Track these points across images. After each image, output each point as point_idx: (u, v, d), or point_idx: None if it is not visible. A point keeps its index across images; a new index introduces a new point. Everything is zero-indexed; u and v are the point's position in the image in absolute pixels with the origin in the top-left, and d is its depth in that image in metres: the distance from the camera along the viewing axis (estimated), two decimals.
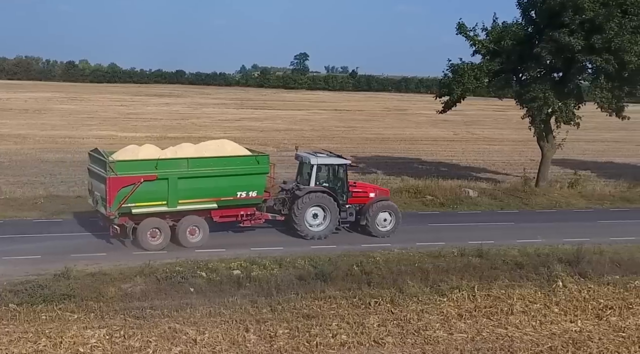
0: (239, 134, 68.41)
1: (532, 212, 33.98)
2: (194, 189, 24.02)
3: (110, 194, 22.89)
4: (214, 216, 24.98)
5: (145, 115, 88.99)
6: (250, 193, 25.02)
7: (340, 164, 27.05)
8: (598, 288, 21.66)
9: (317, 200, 26.02)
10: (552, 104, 34.29)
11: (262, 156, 25.65)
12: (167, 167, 23.60)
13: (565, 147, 68.33)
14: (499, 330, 18.04)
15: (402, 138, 72.58)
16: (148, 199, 23.49)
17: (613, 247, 26.27)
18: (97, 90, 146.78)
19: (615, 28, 31.85)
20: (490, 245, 25.62)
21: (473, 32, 36.90)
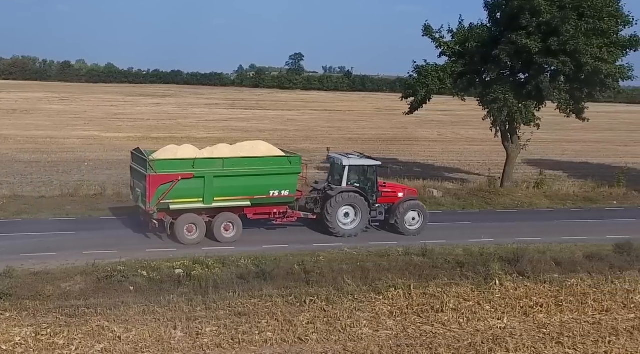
0: (223, 134, 68.92)
1: (492, 212, 34.45)
2: (229, 187, 25.44)
3: (149, 190, 24.44)
4: (247, 214, 26.42)
5: (133, 115, 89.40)
6: (282, 192, 26.29)
7: (371, 165, 28.23)
8: (534, 286, 22.23)
9: (348, 200, 27.26)
10: (511, 106, 34.71)
11: (294, 157, 26.95)
12: (203, 166, 25.03)
13: (545, 147, 69.35)
14: (425, 327, 18.56)
15: (385, 138, 72.92)
16: (185, 196, 25.03)
17: (560, 246, 26.89)
18: (91, 90, 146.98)
19: (571, 31, 32.34)
20: (438, 244, 26.21)
21: (439, 34, 37.27)
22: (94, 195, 32.62)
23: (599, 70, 32.76)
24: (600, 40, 33.52)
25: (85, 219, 28.69)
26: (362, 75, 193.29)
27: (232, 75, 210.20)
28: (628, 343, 17.92)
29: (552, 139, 78.13)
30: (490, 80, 35.29)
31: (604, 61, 32.89)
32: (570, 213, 35.02)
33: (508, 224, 31.32)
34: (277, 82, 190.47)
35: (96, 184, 34.98)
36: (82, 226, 27.37)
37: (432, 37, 37.42)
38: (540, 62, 33.18)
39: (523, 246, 25.53)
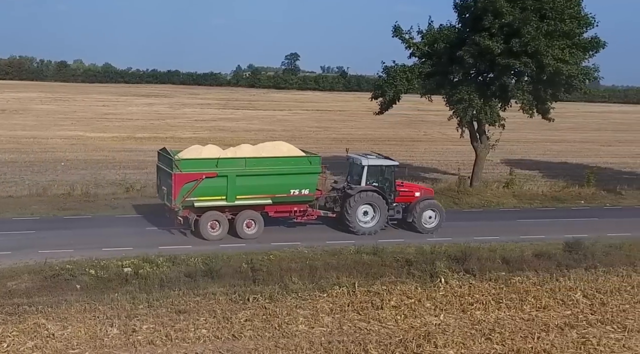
0: (208, 134, 69.52)
1: (459, 212, 34.79)
2: (251, 186, 26.54)
3: (175, 188, 25.63)
4: (269, 211, 27.56)
5: (122, 115, 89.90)
6: (302, 191, 27.32)
7: (388, 165, 29.15)
8: (479, 284, 22.64)
9: (367, 198, 28.20)
10: (476, 106, 35.13)
11: (314, 157, 27.89)
12: (226, 166, 26.17)
13: (528, 147, 69.78)
14: (362, 324, 18.96)
15: (370, 138, 73.20)
16: (209, 194, 26.18)
17: (514, 245, 27.41)
18: (86, 90, 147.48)
19: (532, 32, 32.72)
20: (394, 243, 26.78)
21: (408, 34, 37.65)
22: (61, 194, 33.03)
23: (560, 71, 33.13)
24: (562, 41, 33.85)
25: (49, 219, 29.15)
26: (357, 75, 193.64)
27: (229, 75, 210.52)
28: (557, 338, 18.33)
29: (537, 139, 78.75)
30: (456, 81, 35.65)
31: (564, 62, 33.24)
32: (534, 212, 35.46)
33: (470, 223, 31.76)
34: (272, 82, 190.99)
35: (66, 184, 35.37)
36: (44, 225, 27.83)
37: (402, 38, 37.78)
38: (503, 63, 33.56)
39: (475, 244, 26.04)
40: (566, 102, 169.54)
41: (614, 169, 52.93)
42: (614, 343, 18.19)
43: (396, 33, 37.87)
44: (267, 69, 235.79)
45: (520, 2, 33.60)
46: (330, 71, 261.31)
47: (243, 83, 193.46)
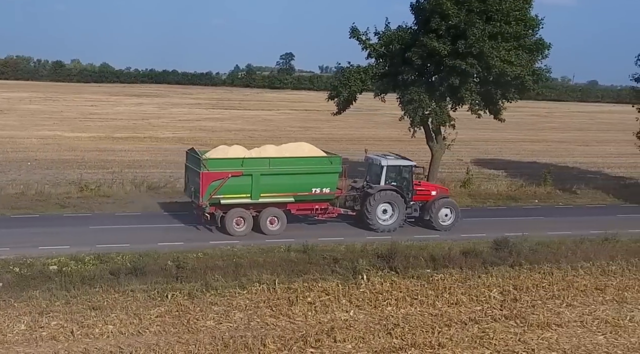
0: (187, 134, 70.21)
1: None
2: (274, 185, 28.02)
3: (202, 186, 27.18)
4: (291, 209, 28.89)
5: (108, 115, 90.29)
6: (323, 190, 28.79)
7: (406, 165, 30.53)
8: (401, 281, 23.22)
9: (387, 197, 29.52)
10: (426, 106, 35.63)
11: (335, 157, 29.54)
12: (251, 165, 27.77)
13: (504, 147, 70.11)
14: (270, 320, 19.55)
15: (348, 138, 73.45)
16: (234, 192, 27.68)
17: (445, 243, 27.97)
18: (79, 90, 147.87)
19: (477, 34, 33.18)
20: (335, 241, 27.46)
21: (365, 36, 38.05)
22: (14, 194, 33.60)
23: (505, 73, 33.61)
24: (508, 43, 34.34)
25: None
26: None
27: (224, 75, 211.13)
28: (457, 332, 18.93)
29: (516, 139, 79.15)
30: (408, 82, 36.10)
31: (510, 63, 33.72)
32: (485, 211, 35.98)
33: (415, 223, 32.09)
34: (267, 82, 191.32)
35: (24, 183, 35.92)
36: None
37: (359, 39, 38.14)
38: (450, 64, 34.00)
39: (409, 243, 26.91)
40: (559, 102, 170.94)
41: (580, 169, 53.37)
42: (510, 337, 18.78)
43: (353, 34, 38.20)
44: (265, 69, 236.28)
45: (467, 4, 33.97)
46: (329, 71, 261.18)
47: (238, 83, 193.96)
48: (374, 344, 18.00)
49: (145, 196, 34.93)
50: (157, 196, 35.09)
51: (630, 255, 26.87)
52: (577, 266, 25.35)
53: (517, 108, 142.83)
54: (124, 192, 35.21)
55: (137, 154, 52.88)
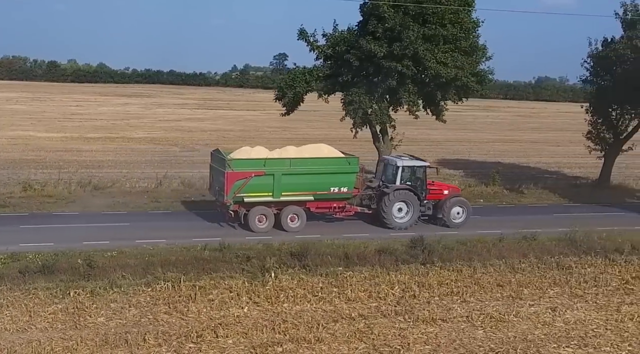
0: (160, 135, 71.06)
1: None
2: (295, 184, 29.47)
3: (227, 185, 28.70)
4: (310, 207, 30.52)
5: (89, 115, 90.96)
6: (341, 189, 30.24)
7: (420, 165, 31.83)
8: (310, 278, 23.71)
9: (402, 196, 30.90)
10: (365, 107, 36.18)
11: (352, 158, 30.89)
12: (273, 165, 29.30)
13: (476, 147, 70.47)
14: (163, 316, 20.06)
15: (322, 138, 73.06)
16: (257, 191, 29.19)
17: (360, 242, 28.42)
18: (71, 90, 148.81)
19: (412, 36, 33.74)
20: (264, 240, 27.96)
21: (313, 37, 38.59)
22: None
23: (439, 74, 34.15)
24: (445, 45, 34.89)
25: None
26: None
27: (218, 75, 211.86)
28: (342, 328, 19.40)
29: (492, 139, 79.57)
30: (348, 83, 36.67)
31: (444, 65, 34.25)
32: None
33: (347, 222, 32.55)
34: (260, 82, 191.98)
35: None
36: None
37: (307, 40, 38.69)
38: (386, 66, 34.55)
39: (328, 241, 27.63)
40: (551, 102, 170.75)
41: (541, 169, 53.89)
42: (393, 332, 19.28)
43: (301, 36, 38.74)
44: (262, 69, 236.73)
45: (403, 7, 34.52)
46: None
47: (232, 83, 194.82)
48: (255, 340, 18.49)
49: (89, 196, 35.50)
50: (102, 196, 35.61)
51: (544, 253, 27.31)
52: (487, 263, 25.78)
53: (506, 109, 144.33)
54: (67, 192, 35.71)
55: (101, 154, 53.48)
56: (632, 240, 29.59)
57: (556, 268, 26.16)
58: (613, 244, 28.83)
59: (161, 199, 35.75)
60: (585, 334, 19.62)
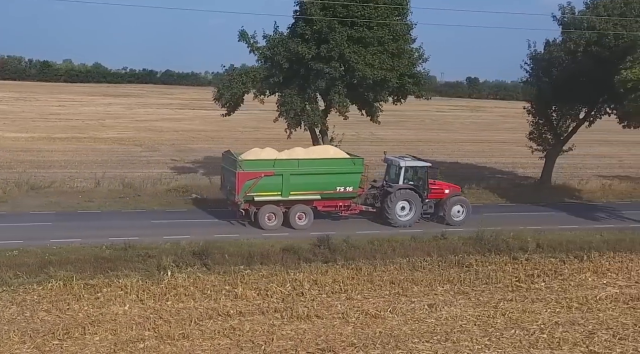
0: (130, 135, 71.57)
1: None
2: (302, 184, 31.00)
3: (238, 185, 30.18)
4: (317, 206, 31.95)
5: (67, 115, 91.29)
6: (347, 188, 31.73)
7: (422, 166, 33.38)
8: (207, 277, 24.17)
9: (405, 195, 32.33)
10: (297, 108, 36.67)
11: (357, 159, 32.42)
12: (282, 166, 30.84)
13: (442, 148, 70.65)
14: (41, 314, 20.40)
15: (302, 138, 73.88)
16: (266, 190, 30.69)
17: (264, 241, 28.97)
18: (60, 90, 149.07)
19: (337, 38, 34.22)
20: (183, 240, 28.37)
21: (253, 39, 38.95)
22: None
23: (365, 76, 34.63)
24: (374, 47, 35.37)
25: None
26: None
27: (210, 75, 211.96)
28: (214, 324, 19.80)
29: (464, 140, 79.89)
30: (282, 84, 37.13)
31: (371, 67, 34.72)
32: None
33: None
34: None
35: None
36: None
37: (247, 42, 39.05)
38: (315, 67, 35.00)
39: (235, 240, 28.30)
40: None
41: (495, 169, 54.26)
42: (264, 328, 19.67)
43: (241, 37, 39.08)
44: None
45: (332, 9, 34.98)
46: None
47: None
48: (122, 337, 18.92)
49: (23, 196, 36.00)
50: (37, 196, 36.16)
51: (449, 251, 27.85)
52: (388, 262, 26.26)
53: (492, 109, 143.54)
54: (2, 192, 36.18)
55: (59, 155, 53.96)
56: (543, 239, 30.15)
57: (456, 265, 26.64)
58: (520, 242, 29.27)
59: (95, 199, 36.22)
60: (451, 330, 20.02)
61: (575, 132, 43.88)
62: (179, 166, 50.68)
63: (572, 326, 20.69)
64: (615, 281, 25.44)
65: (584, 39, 38.28)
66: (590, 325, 20.84)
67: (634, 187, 46.07)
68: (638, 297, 23.60)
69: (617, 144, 75.08)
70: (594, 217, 36.58)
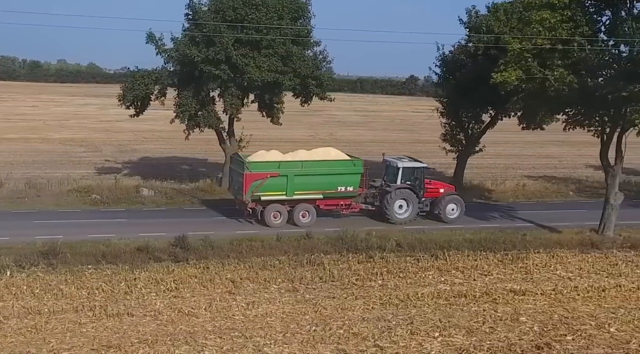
0: (82, 135, 71.93)
1: (179, 210, 37.31)
2: (306, 184, 32.92)
3: (246, 185, 32.21)
4: (320, 204, 33.80)
5: (33, 116, 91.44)
6: (347, 188, 33.65)
7: (418, 167, 35.25)
8: (48, 276, 24.77)
9: (402, 194, 34.30)
10: (191, 110, 37.33)
11: (357, 160, 34.49)
12: (286, 167, 32.76)
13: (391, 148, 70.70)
14: None
15: (258, 139, 73.38)
16: (272, 190, 32.66)
17: (126, 241, 29.41)
18: (43, 90, 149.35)
19: (224, 41, 34.88)
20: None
21: (161, 41, 39.54)
22: None
23: (254, 79, 35.31)
24: (266, 51, 36.05)
25: None
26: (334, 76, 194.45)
27: None
28: (17, 323, 20.32)
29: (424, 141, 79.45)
30: (180, 86, 37.81)
31: (259, 69, 35.38)
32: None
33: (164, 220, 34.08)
34: None
35: None
36: None
37: (155, 44, 39.61)
38: (205, 70, 35.66)
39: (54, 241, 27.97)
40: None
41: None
42: (68, 326, 20.21)
43: (149, 39, 39.60)
44: None
45: (221, 12, 35.61)
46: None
47: None
48: None
49: None
50: None
51: (306, 250, 28.49)
52: (240, 261, 26.88)
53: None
54: None
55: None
56: (411, 238, 30.81)
57: (308, 264, 27.16)
58: (383, 241, 29.78)
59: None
60: (254, 327, 20.12)
61: (484, 133, 44.33)
62: (106, 166, 51.30)
63: (377, 322, 21.05)
64: (454, 279, 25.90)
65: (482, 41, 38.71)
66: (395, 321, 21.23)
67: (547, 188, 46.49)
68: (464, 294, 24.04)
69: (566, 144, 75.17)
70: (485, 217, 37.06)
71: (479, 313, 22.22)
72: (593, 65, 30.29)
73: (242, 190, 32.34)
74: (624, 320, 21.67)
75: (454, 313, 22.14)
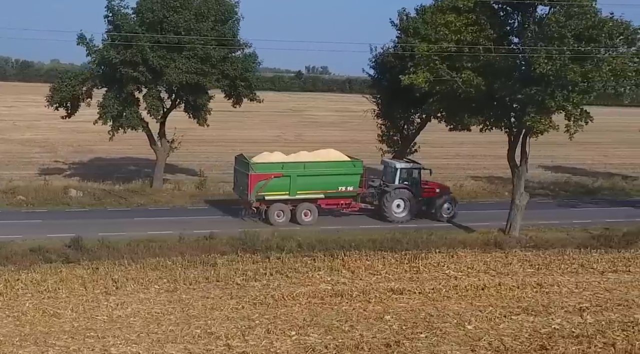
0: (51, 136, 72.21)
1: (102, 211, 37.33)
2: (308, 184, 34.19)
3: (250, 185, 33.40)
4: (321, 204, 35.01)
5: (7, 116, 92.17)
6: (348, 188, 34.97)
7: (416, 168, 36.63)
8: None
9: (400, 194, 35.60)
10: (113, 112, 37.59)
11: (357, 161, 35.68)
12: (289, 168, 34.13)
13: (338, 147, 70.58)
14: None
15: (220, 140, 73.79)
16: (276, 190, 33.92)
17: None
18: (32, 90, 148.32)
19: (142, 43, 35.12)
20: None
21: (92, 42, 39.71)
22: None
23: (172, 81, 35.56)
24: (187, 52, 36.35)
25: None
26: (313, 75, 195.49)
27: None
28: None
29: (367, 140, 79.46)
30: (105, 87, 38.06)
31: (179, 71, 35.67)
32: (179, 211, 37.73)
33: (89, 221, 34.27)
34: None
35: None
36: None
37: (86, 45, 39.78)
38: (124, 72, 35.85)
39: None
40: None
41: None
42: None
43: (80, 41, 39.76)
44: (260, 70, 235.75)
45: (140, 14, 35.81)
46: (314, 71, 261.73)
47: None
48: None
49: None
50: None
51: (204, 251, 28.57)
52: (133, 262, 26.94)
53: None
54: None
55: None
56: (314, 238, 30.93)
57: (202, 264, 27.22)
58: (283, 242, 30.00)
59: None
60: (111, 327, 20.28)
61: (418, 134, 44.43)
62: (51, 167, 51.44)
63: (240, 321, 21.04)
64: (340, 278, 25.96)
65: (408, 44, 38.70)
66: (259, 320, 21.29)
67: (484, 188, 46.49)
68: (341, 293, 24.08)
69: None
70: None
71: (347, 312, 22.33)
72: (497, 69, 30.32)
73: (247, 190, 33.44)
74: (485, 318, 21.76)
75: (322, 312, 22.24)
